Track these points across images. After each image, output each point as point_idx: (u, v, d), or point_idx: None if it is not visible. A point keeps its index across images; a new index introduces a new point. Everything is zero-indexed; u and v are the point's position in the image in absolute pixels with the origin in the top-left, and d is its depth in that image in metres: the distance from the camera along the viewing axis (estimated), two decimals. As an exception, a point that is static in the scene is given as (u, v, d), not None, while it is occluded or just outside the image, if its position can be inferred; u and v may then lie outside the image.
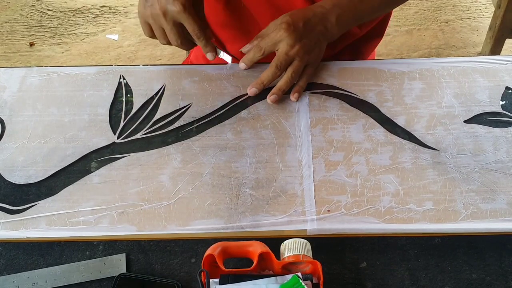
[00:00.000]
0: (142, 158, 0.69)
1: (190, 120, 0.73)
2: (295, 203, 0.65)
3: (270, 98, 0.73)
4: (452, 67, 0.77)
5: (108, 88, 0.76)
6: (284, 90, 0.73)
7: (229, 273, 0.56)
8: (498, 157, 0.68)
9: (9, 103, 0.75)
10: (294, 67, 0.73)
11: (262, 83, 0.73)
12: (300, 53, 0.72)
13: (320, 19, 0.74)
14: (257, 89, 0.74)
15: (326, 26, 0.75)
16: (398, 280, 0.60)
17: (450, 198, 0.65)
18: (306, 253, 0.57)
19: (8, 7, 2.11)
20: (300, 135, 0.71)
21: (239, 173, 0.67)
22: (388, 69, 0.77)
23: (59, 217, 0.64)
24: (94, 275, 0.61)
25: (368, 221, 0.63)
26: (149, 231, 0.63)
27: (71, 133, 0.72)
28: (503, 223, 0.63)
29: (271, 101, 0.73)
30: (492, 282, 0.60)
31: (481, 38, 1.90)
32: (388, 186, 0.66)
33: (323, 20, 0.74)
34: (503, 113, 0.72)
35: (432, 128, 0.71)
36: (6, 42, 2.00)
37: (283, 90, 0.73)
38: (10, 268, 0.62)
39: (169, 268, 0.62)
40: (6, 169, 0.68)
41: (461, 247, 0.62)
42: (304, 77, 0.75)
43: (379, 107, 0.73)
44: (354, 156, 0.68)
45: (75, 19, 2.07)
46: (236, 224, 0.63)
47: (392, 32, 1.96)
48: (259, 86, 0.74)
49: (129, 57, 1.93)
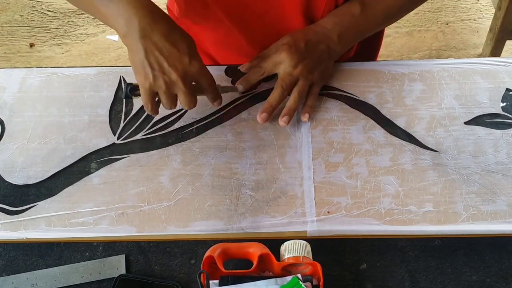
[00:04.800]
0: (142, 159, 0.69)
1: (190, 121, 0.73)
2: (295, 205, 0.65)
3: (283, 120, 0.70)
4: (452, 68, 0.77)
5: (108, 89, 0.76)
6: (294, 110, 0.71)
7: (229, 275, 0.56)
8: (499, 159, 0.68)
9: (9, 104, 0.75)
10: (299, 87, 0.71)
11: (271, 106, 0.71)
12: (303, 72, 0.71)
13: (322, 38, 0.74)
14: (267, 114, 0.70)
15: (328, 45, 0.74)
16: (398, 281, 0.60)
17: (450, 199, 0.64)
18: (306, 255, 0.57)
19: (8, 8, 2.11)
20: (300, 136, 0.71)
21: (239, 174, 0.67)
22: (388, 71, 0.77)
23: (59, 218, 0.64)
24: (93, 276, 0.61)
25: (368, 223, 0.63)
26: (149, 232, 0.63)
27: (71, 134, 0.72)
28: (503, 224, 0.63)
29: (284, 122, 0.70)
30: (492, 284, 0.60)
31: (482, 40, 1.90)
32: (388, 188, 0.66)
33: (325, 39, 0.74)
34: (504, 115, 0.72)
35: (432, 130, 0.71)
36: (6, 43, 2.00)
37: (294, 109, 0.71)
38: (10, 269, 0.62)
39: (168, 269, 0.62)
40: (5, 169, 0.68)
41: (461, 249, 0.62)
42: (311, 97, 0.73)
43: (379, 108, 0.73)
44: (354, 158, 0.68)
45: (75, 20, 2.07)
46: (236, 226, 0.63)
47: (392, 34, 1.96)
48: (269, 110, 0.70)
49: (129, 58, 1.93)
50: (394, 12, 0.79)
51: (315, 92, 0.74)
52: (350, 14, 0.75)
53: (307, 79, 0.72)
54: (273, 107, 0.71)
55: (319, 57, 0.73)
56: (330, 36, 0.74)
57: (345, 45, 0.76)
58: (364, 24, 0.76)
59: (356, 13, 0.75)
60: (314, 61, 0.72)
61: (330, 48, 0.74)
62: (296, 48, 0.72)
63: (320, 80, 0.74)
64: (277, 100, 0.71)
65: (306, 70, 0.72)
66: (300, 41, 0.72)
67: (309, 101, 0.73)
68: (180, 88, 0.63)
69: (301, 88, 0.72)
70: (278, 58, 0.72)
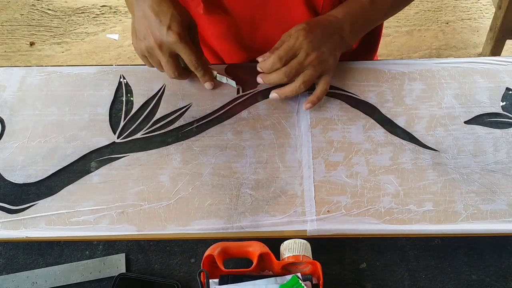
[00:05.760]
0: (142, 158, 0.69)
1: (190, 120, 0.73)
2: (295, 204, 0.65)
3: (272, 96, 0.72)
4: (452, 68, 0.77)
5: (108, 88, 0.76)
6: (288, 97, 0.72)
7: (229, 274, 0.56)
8: (499, 158, 0.68)
9: (9, 103, 0.75)
10: (306, 76, 0.70)
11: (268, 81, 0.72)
12: (315, 62, 0.70)
13: (336, 28, 0.73)
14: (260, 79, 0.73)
15: (341, 35, 0.73)
16: (398, 281, 0.60)
17: (450, 199, 0.65)
18: (306, 254, 0.57)
19: (9, 7, 2.11)
20: (300, 136, 0.71)
21: (239, 173, 0.67)
22: (388, 70, 0.77)
23: (59, 217, 0.64)
24: (93, 275, 0.61)
25: (368, 222, 0.63)
26: (149, 231, 0.63)
27: (71, 132, 0.72)
28: (503, 224, 0.63)
29: (273, 97, 0.72)
30: (492, 283, 0.60)
31: (482, 39, 1.90)
32: (388, 187, 0.66)
33: (338, 29, 0.73)
34: (504, 114, 0.72)
35: (432, 129, 0.71)
36: (7, 42, 2.00)
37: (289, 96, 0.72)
38: (10, 268, 0.62)
39: (168, 268, 0.62)
40: (6, 168, 0.68)
41: (461, 248, 0.62)
42: (324, 86, 0.72)
43: (379, 107, 0.73)
44: (354, 157, 0.68)
45: (76, 19, 2.07)
46: (236, 225, 0.63)
47: (392, 33, 1.96)
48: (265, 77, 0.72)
49: (129, 57, 1.93)
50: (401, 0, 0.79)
51: (327, 81, 0.72)
52: (360, 4, 0.75)
53: (317, 69, 0.71)
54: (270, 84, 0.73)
55: (333, 47, 0.72)
56: (343, 27, 0.73)
57: (356, 36, 0.76)
58: (373, 13, 0.76)
59: (366, 3, 0.75)
60: (328, 50, 0.71)
61: (342, 38, 0.73)
62: (314, 35, 0.70)
63: (331, 70, 0.73)
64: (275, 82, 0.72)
65: (318, 60, 0.70)
66: (317, 27, 0.71)
67: (318, 92, 0.72)
68: (158, 54, 0.69)
69: (307, 78, 0.70)
70: (296, 44, 0.70)
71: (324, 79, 0.72)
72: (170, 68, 0.70)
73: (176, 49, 0.69)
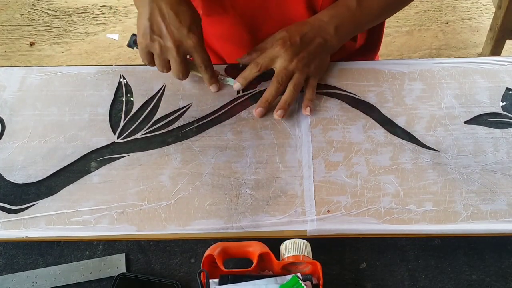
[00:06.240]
0: (142, 158, 0.69)
1: (190, 120, 0.73)
2: (295, 204, 0.65)
3: (277, 114, 0.71)
4: (452, 68, 0.77)
5: (108, 88, 0.76)
6: (289, 104, 0.72)
7: (229, 274, 0.56)
8: (498, 158, 0.68)
9: (9, 103, 0.75)
10: (295, 80, 0.72)
11: (267, 101, 0.72)
12: (299, 66, 0.72)
13: (318, 32, 0.74)
14: (263, 108, 0.71)
15: (325, 38, 0.74)
16: (398, 281, 0.60)
17: (450, 199, 0.65)
18: (306, 254, 0.57)
19: (9, 7, 2.11)
20: (300, 136, 0.71)
21: (239, 173, 0.67)
22: (388, 70, 0.77)
23: (59, 217, 0.64)
24: (93, 275, 0.61)
25: (368, 222, 0.63)
26: (149, 231, 0.63)
27: (71, 132, 0.72)
28: (503, 224, 0.63)
29: (278, 116, 0.71)
30: (492, 283, 0.60)
31: (482, 39, 1.90)
32: (388, 187, 0.66)
33: (321, 32, 0.74)
34: (504, 114, 0.72)
35: (432, 129, 0.71)
36: (7, 42, 2.00)
37: (289, 103, 0.72)
38: (10, 268, 0.62)
39: (168, 268, 0.62)
40: (6, 168, 0.68)
41: (461, 248, 0.62)
42: (310, 90, 0.74)
43: (379, 107, 0.73)
44: (354, 157, 0.68)
45: (76, 19, 2.07)
46: (236, 225, 0.63)
47: (392, 33, 1.96)
48: (265, 105, 0.72)
49: (129, 57, 1.93)
50: (391, 4, 0.79)
51: (313, 85, 0.74)
52: (346, 7, 0.76)
53: (303, 72, 0.73)
54: (269, 102, 0.72)
55: (315, 50, 0.74)
56: (327, 29, 0.75)
57: (342, 38, 0.77)
58: (360, 17, 0.77)
59: (353, 7, 0.76)
60: (310, 54, 0.73)
61: (326, 41, 0.75)
62: (291, 42, 0.72)
63: (316, 73, 0.75)
64: (273, 95, 0.72)
65: (301, 64, 0.72)
66: (295, 35, 0.73)
67: (307, 94, 0.73)
68: (172, 55, 0.68)
69: (296, 81, 0.72)
70: (273, 53, 0.73)
71: (309, 83, 0.74)
72: (181, 70, 0.70)
73: (194, 52, 0.69)
